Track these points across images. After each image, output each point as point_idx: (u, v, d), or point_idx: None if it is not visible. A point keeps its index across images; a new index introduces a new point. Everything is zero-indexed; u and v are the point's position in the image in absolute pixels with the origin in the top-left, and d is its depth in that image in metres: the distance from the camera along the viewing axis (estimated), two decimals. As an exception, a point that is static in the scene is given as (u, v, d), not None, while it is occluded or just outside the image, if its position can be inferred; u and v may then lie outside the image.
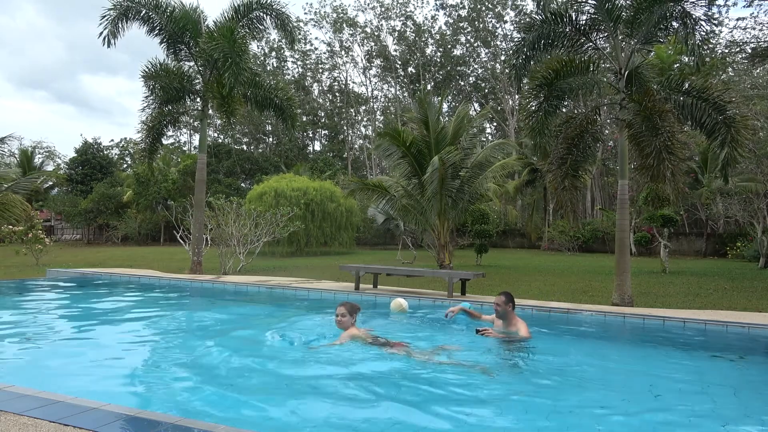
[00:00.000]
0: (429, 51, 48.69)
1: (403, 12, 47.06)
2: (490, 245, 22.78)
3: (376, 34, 47.78)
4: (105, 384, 4.57)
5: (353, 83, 51.98)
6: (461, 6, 45.64)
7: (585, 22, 9.84)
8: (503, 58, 42.88)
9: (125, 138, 55.77)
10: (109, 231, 39.73)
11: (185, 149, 52.55)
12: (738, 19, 44.23)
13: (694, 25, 9.09)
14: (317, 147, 55.89)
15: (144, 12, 13.85)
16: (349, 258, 23.09)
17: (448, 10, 46.63)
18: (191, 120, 45.17)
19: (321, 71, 51.78)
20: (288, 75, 51.14)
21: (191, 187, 26.96)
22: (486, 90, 48.79)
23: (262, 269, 16.38)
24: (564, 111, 11.13)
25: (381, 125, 48.61)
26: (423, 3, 66.37)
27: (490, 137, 47.67)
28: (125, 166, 53.31)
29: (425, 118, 16.62)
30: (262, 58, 48.44)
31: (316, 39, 68.52)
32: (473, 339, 5.94)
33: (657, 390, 4.71)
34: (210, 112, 18.85)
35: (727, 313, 8.05)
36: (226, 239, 15.03)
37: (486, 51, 47.04)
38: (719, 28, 26.02)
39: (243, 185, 43.16)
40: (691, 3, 9.20)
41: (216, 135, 50.61)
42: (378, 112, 52.80)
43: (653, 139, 8.55)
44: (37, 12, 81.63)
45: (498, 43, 45.29)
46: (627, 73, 9.68)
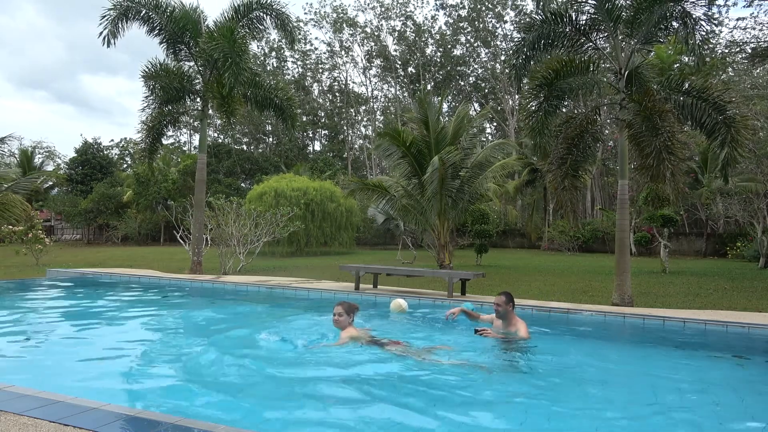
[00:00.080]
0: (429, 51, 48.71)
1: (403, 12, 47.10)
2: (490, 245, 22.78)
3: (376, 34, 47.80)
4: (105, 384, 4.57)
5: (353, 83, 52.09)
6: (461, 6, 45.67)
7: (585, 22, 9.84)
8: (503, 58, 42.89)
9: (125, 138, 55.88)
10: (109, 231, 39.73)
11: (185, 149, 52.56)
12: (738, 19, 44.30)
13: (694, 25, 9.10)
14: (317, 147, 55.96)
15: (144, 12, 13.86)
16: (349, 258, 23.09)
17: (448, 10, 46.69)
18: (191, 120, 45.19)
19: (321, 71, 51.82)
20: (288, 75, 51.17)
21: (191, 187, 26.96)
22: (486, 90, 48.79)
23: (262, 269, 16.38)
24: (564, 111, 11.13)
25: (381, 125, 48.60)
26: (423, 3, 66.48)
27: (490, 137, 47.68)
28: (125, 166, 53.29)
29: (425, 118, 16.62)
30: (262, 58, 48.45)
31: (316, 39, 68.59)
32: (472, 339, 5.94)
33: (657, 390, 4.72)
34: (210, 112, 18.86)
35: (727, 313, 8.05)
36: (226, 239, 15.03)
37: (486, 51, 47.05)
38: (719, 28, 26.03)
39: (243, 185, 43.15)
40: (691, 3, 9.21)
41: (216, 135, 50.64)
42: (378, 112, 52.85)
43: (653, 139, 8.55)
44: (37, 12, 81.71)
45: (498, 43, 45.30)
46: (627, 73, 9.68)
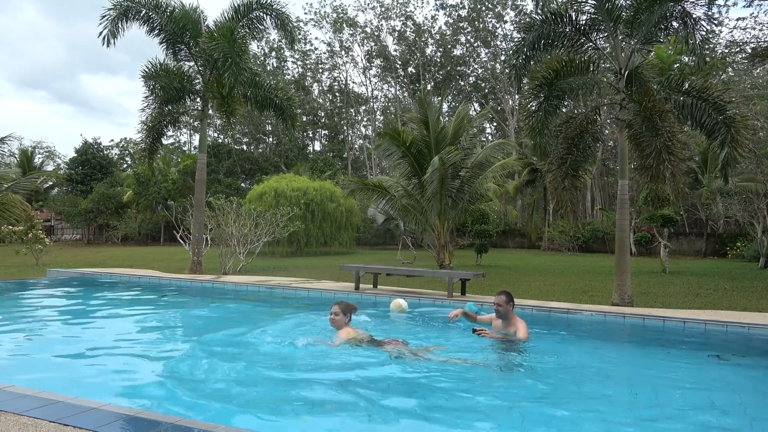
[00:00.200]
0: (429, 51, 48.70)
1: (403, 12, 47.10)
2: (490, 245, 22.77)
3: (376, 34, 47.80)
4: (105, 384, 4.57)
5: (353, 83, 52.07)
6: (461, 6, 45.66)
7: (585, 22, 9.84)
8: (503, 58, 42.88)
9: (125, 138, 55.86)
10: (109, 231, 39.72)
11: (185, 149, 52.55)
12: (738, 19, 44.32)
13: (694, 25, 9.11)
14: (317, 147, 55.94)
15: (144, 12, 13.86)
16: (349, 258, 23.09)
17: (448, 10, 46.68)
18: (191, 120, 45.18)
19: (321, 71, 51.81)
20: (288, 75, 51.15)
21: (191, 187, 26.96)
22: (486, 90, 48.78)
23: (262, 269, 16.38)
24: (564, 111, 11.13)
25: (381, 125, 48.58)
26: (423, 3, 66.31)
27: (490, 137, 47.67)
28: (125, 166, 53.29)
29: (425, 118, 16.62)
30: (262, 58, 48.44)
31: (316, 39, 68.58)
32: (470, 339, 5.92)
33: (657, 390, 4.71)
34: (210, 112, 18.87)
35: (727, 313, 8.05)
36: (226, 239, 15.03)
37: (486, 51, 47.04)
38: (719, 28, 26.02)
39: (243, 185, 43.13)
40: (691, 3, 9.21)
41: (216, 135, 50.63)
42: (378, 112, 52.82)
43: (653, 140, 8.55)
44: (37, 12, 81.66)
45: (498, 43, 45.30)
46: (627, 73, 9.68)
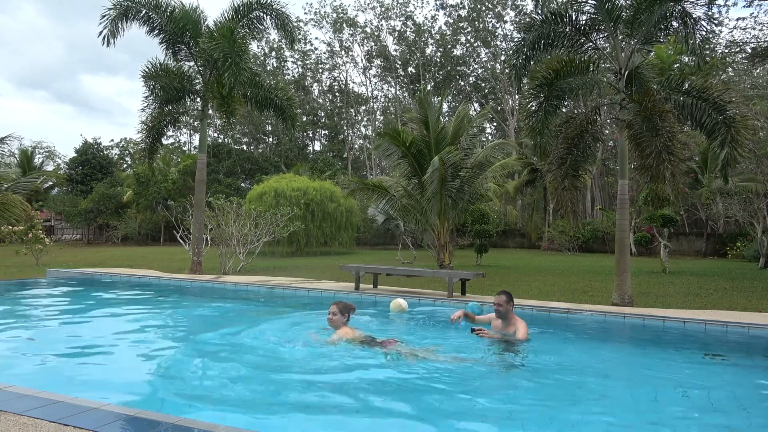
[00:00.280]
0: (429, 51, 48.68)
1: (403, 12, 47.08)
2: (490, 245, 22.77)
3: (376, 34, 47.79)
4: (105, 383, 4.57)
5: (353, 83, 52.06)
6: (461, 6, 45.65)
7: (585, 22, 9.84)
8: (503, 58, 42.88)
9: (125, 138, 55.86)
10: (109, 231, 39.72)
11: (185, 149, 52.54)
12: (738, 19, 44.34)
13: (694, 25, 9.10)
14: (317, 147, 55.93)
15: (144, 12, 13.86)
16: (349, 258, 23.09)
17: (448, 10, 46.67)
18: (191, 120, 45.17)
19: (321, 71, 51.79)
20: (288, 75, 51.13)
21: (191, 187, 26.96)
22: (486, 90, 48.77)
23: (262, 269, 16.38)
24: (564, 111, 11.13)
25: (381, 125, 48.57)
26: (423, 3, 66.32)
27: (490, 137, 47.66)
28: (125, 166, 53.28)
29: (425, 118, 16.62)
30: (262, 58, 48.43)
31: (316, 39, 68.56)
32: (468, 340, 5.92)
33: (657, 390, 4.71)
34: (210, 112, 18.85)
35: (727, 313, 8.05)
36: (226, 239, 15.03)
37: (486, 51, 47.03)
38: (719, 28, 26.01)
39: (243, 185, 43.13)
40: (691, 3, 9.21)
41: (216, 135, 50.62)
42: (378, 112, 52.81)
43: (653, 140, 8.55)
44: (37, 12, 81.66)
45: (498, 43, 45.29)
46: (627, 73, 9.68)
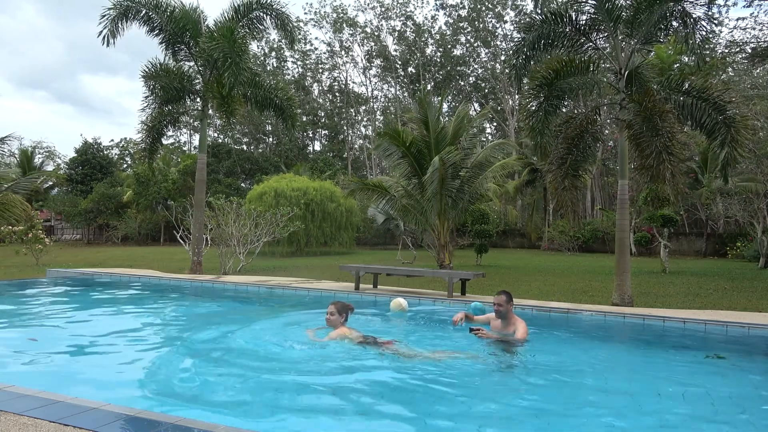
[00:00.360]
0: (429, 51, 48.68)
1: (403, 12, 47.07)
2: (490, 245, 22.77)
3: (376, 34, 47.78)
4: (105, 383, 4.57)
5: (353, 83, 52.05)
6: (461, 6, 45.66)
7: (585, 22, 9.84)
8: (503, 58, 42.87)
9: (125, 138, 55.85)
10: (109, 231, 39.72)
11: (185, 149, 52.54)
12: (738, 19, 44.33)
13: (694, 25, 9.10)
14: (317, 147, 55.93)
15: (144, 12, 13.85)
16: (349, 258, 23.09)
17: (448, 10, 46.67)
18: (191, 120, 45.18)
19: (321, 71, 51.79)
20: (288, 75, 51.13)
21: (191, 187, 26.95)
22: (486, 90, 48.77)
23: (262, 269, 16.38)
24: (564, 111, 11.12)
25: (381, 125, 48.57)
26: (423, 3, 66.30)
27: (490, 137, 47.66)
28: (125, 166, 53.28)
29: (425, 118, 16.62)
30: (262, 58, 48.43)
31: (316, 39, 68.58)
32: (467, 340, 5.91)
33: (657, 390, 4.71)
34: (210, 112, 18.85)
35: (727, 313, 8.05)
36: (226, 239, 15.02)
37: (486, 51, 47.03)
38: (719, 28, 26.00)
39: (243, 185, 43.12)
40: (691, 3, 9.21)
41: (216, 135, 50.62)
42: (378, 112, 52.80)
43: (653, 140, 8.55)
44: (37, 12, 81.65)
45: (498, 43, 45.28)
46: (627, 73, 9.68)
